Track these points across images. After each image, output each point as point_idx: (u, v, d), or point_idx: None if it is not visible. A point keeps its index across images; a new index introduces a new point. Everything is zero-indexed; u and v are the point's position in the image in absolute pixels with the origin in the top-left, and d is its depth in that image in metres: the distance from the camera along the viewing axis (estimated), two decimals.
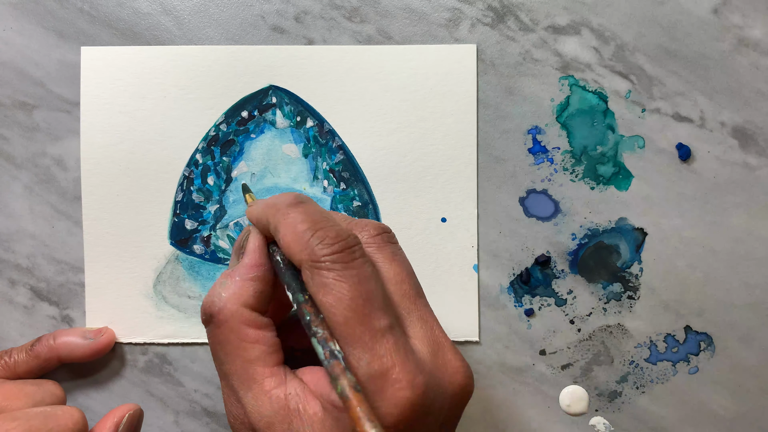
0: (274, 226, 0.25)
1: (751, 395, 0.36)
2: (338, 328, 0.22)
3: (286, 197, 0.25)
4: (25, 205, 0.35)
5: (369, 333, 0.22)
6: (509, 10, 0.35)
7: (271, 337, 0.25)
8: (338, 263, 0.23)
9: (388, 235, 0.26)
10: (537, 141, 0.36)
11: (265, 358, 0.24)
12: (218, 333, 0.25)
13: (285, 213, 0.24)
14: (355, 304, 0.22)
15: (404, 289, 0.25)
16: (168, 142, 0.35)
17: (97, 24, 0.35)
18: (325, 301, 0.22)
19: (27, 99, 0.35)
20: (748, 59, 0.35)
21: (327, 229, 0.23)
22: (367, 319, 0.22)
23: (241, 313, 0.24)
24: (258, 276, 0.25)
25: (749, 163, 0.36)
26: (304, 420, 0.23)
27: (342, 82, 0.35)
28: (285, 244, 0.24)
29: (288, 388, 0.24)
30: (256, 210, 0.26)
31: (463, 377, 0.24)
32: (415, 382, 0.22)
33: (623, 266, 0.36)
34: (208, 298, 0.25)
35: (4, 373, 0.33)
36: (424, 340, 0.24)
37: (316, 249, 0.23)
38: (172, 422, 0.35)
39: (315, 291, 0.23)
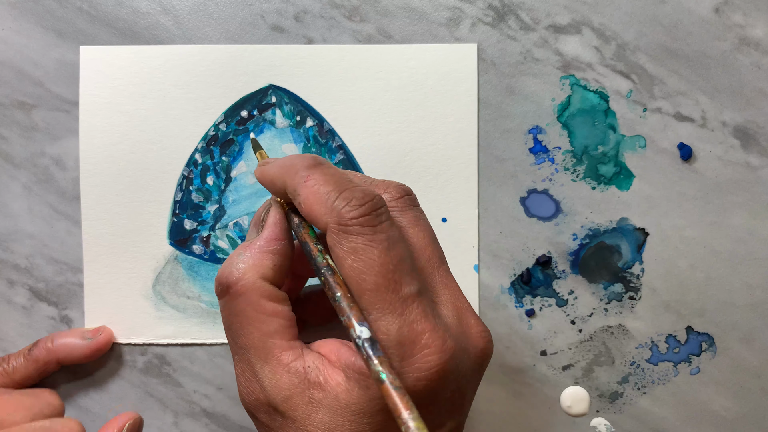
0: (293, 189, 0.24)
1: (752, 396, 0.36)
2: (367, 294, 0.22)
3: (302, 158, 0.24)
4: (23, 205, 0.35)
5: (399, 299, 0.22)
6: (510, 9, 0.35)
7: (288, 311, 0.24)
8: (367, 227, 0.22)
9: (410, 198, 0.26)
10: (538, 141, 0.35)
11: (282, 332, 0.24)
12: (234, 305, 0.24)
13: (304, 175, 0.24)
14: (386, 270, 0.22)
15: (427, 255, 0.24)
16: (167, 141, 0.35)
17: (96, 23, 0.35)
18: (355, 266, 0.22)
19: (26, 98, 0.35)
20: (749, 59, 0.35)
21: (352, 190, 0.23)
22: (398, 285, 0.22)
23: (259, 285, 0.24)
24: (277, 249, 0.25)
25: (751, 163, 0.35)
26: (326, 391, 0.23)
27: (342, 81, 0.35)
28: (307, 207, 0.23)
29: (306, 360, 0.23)
30: (271, 171, 0.25)
31: (486, 341, 0.24)
32: (444, 347, 0.22)
33: (624, 266, 0.36)
34: (225, 269, 0.24)
35: (3, 381, 0.32)
36: (449, 305, 0.24)
37: (342, 212, 0.22)
38: (171, 423, 0.35)
39: (342, 256, 0.22)
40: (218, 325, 0.35)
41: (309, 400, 0.23)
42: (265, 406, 0.24)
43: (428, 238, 0.25)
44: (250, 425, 0.35)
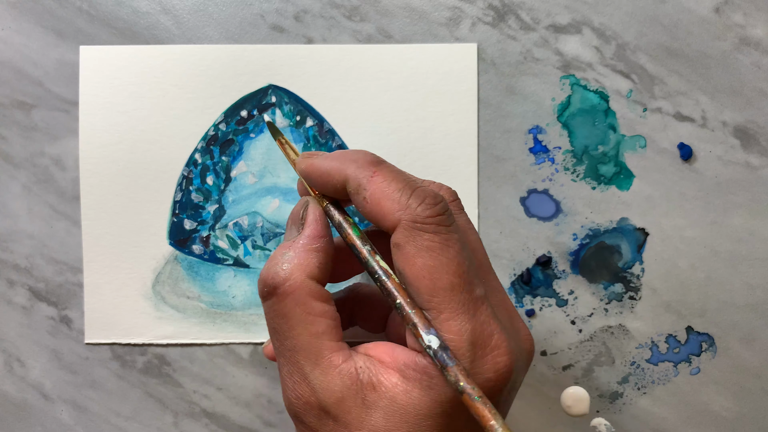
0: (357, 183, 0.23)
1: (753, 396, 0.36)
2: (440, 293, 0.22)
3: (362, 154, 0.24)
4: (23, 205, 0.35)
5: (472, 300, 0.22)
6: (510, 9, 0.35)
7: (334, 311, 0.24)
8: (442, 225, 0.22)
9: (459, 202, 0.26)
10: (538, 140, 0.35)
11: (331, 332, 0.23)
12: (282, 306, 0.23)
13: (370, 170, 0.23)
14: (462, 270, 0.22)
15: (480, 258, 0.24)
16: (167, 141, 0.35)
17: (96, 23, 0.35)
18: (429, 264, 0.22)
19: (25, 98, 0.35)
20: (749, 58, 0.35)
21: (424, 190, 0.23)
22: (471, 286, 0.22)
23: (307, 284, 0.23)
24: (321, 247, 0.24)
25: (751, 163, 0.35)
26: (380, 392, 0.22)
27: (342, 81, 0.35)
28: (374, 202, 0.23)
29: (357, 362, 0.23)
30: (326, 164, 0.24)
31: (531, 344, 0.25)
32: (510, 347, 0.22)
33: (624, 266, 0.36)
34: (270, 270, 0.24)
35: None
36: (501, 308, 0.24)
37: (418, 210, 0.22)
38: (171, 423, 0.35)
39: (414, 254, 0.22)
40: (218, 325, 0.35)
41: (362, 402, 0.22)
42: (316, 410, 0.23)
43: (479, 242, 0.25)
44: (250, 425, 0.35)
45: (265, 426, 0.35)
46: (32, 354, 0.35)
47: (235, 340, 0.35)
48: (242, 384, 0.35)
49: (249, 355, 0.35)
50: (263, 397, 0.35)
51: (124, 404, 0.35)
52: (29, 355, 0.35)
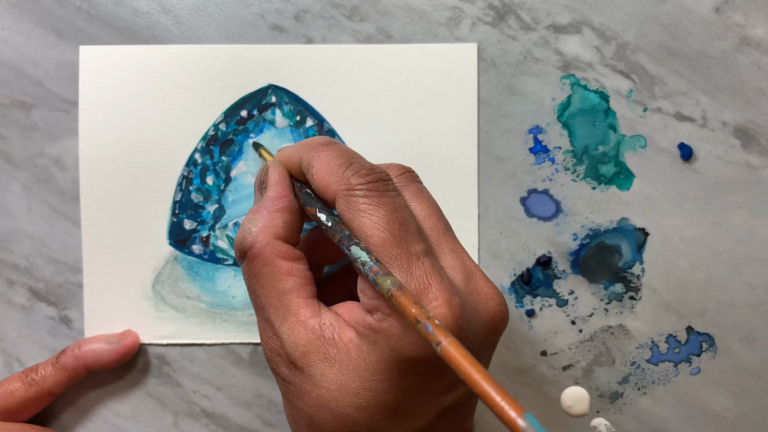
0: (307, 162, 0.25)
1: (753, 396, 0.36)
2: (374, 249, 0.23)
3: (318, 139, 0.26)
4: (23, 205, 0.35)
5: (405, 255, 0.23)
6: (510, 9, 0.35)
7: (303, 269, 0.25)
8: (374, 191, 0.23)
9: (412, 174, 0.27)
10: (538, 140, 0.35)
11: (299, 289, 0.25)
12: (252, 267, 0.25)
13: (318, 150, 0.25)
14: (392, 227, 0.23)
15: (432, 223, 0.25)
16: (167, 141, 0.35)
17: (95, 23, 0.35)
18: (361, 223, 0.23)
19: (25, 98, 0.35)
20: (750, 58, 0.35)
21: (361, 162, 0.25)
22: (403, 243, 0.23)
23: (273, 244, 0.25)
24: (284, 206, 0.26)
25: (751, 163, 0.35)
26: (339, 347, 0.23)
27: (342, 81, 0.35)
28: (319, 177, 0.25)
29: (323, 318, 0.24)
30: (288, 151, 0.27)
31: (497, 304, 0.24)
32: (451, 301, 0.22)
33: (625, 266, 0.36)
34: (240, 235, 0.25)
35: (34, 391, 0.33)
36: (457, 269, 0.24)
37: (351, 179, 0.24)
38: (171, 423, 0.35)
39: (350, 218, 0.23)
40: (218, 325, 0.35)
41: (324, 356, 0.23)
42: (286, 362, 0.24)
43: (431, 208, 0.26)
44: (250, 425, 0.35)
45: (265, 426, 0.35)
46: (32, 354, 0.35)
47: (235, 340, 0.35)
48: (242, 384, 0.35)
49: (249, 355, 0.35)
50: (263, 398, 0.35)
51: (124, 404, 0.35)
52: (29, 355, 0.35)
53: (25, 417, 0.33)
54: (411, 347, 0.22)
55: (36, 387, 0.33)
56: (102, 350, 0.33)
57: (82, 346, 0.33)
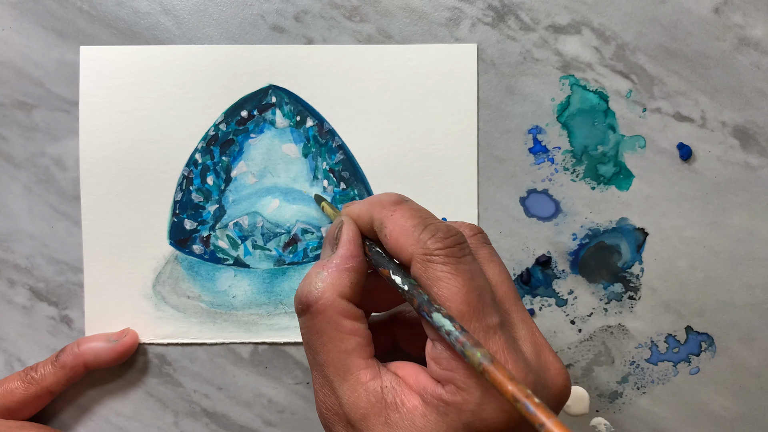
0: (380, 222, 0.25)
1: (752, 396, 0.36)
2: None
3: (389, 196, 0.26)
4: (24, 205, 0.35)
5: (482, 329, 0.22)
6: (510, 10, 0.35)
7: (365, 329, 0.25)
8: (451, 257, 0.23)
9: (483, 236, 0.26)
10: (537, 141, 0.36)
11: (360, 350, 0.24)
12: (315, 323, 0.24)
13: (391, 209, 0.25)
14: (470, 299, 0.22)
15: (504, 290, 0.25)
16: (167, 141, 0.35)
17: (96, 23, 0.35)
18: (440, 294, 0.23)
19: (26, 99, 0.35)
20: (749, 59, 0.35)
21: (437, 224, 0.24)
22: (481, 315, 0.22)
23: (338, 303, 0.24)
24: (354, 267, 0.25)
25: (750, 163, 0.35)
26: (402, 413, 0.23)
27: (342, 81, 0.35)
28: (393, 238, 0.24)
29: (384, 380, 0.24)
30: (357, 208, 0.27)
31: (564, 378, 0.24)
32: (526, 379, 0.22)
33: (624, 266, 0.36)
34: (305, 288, 0.25)
35: (34, 390, 0.33)
36: (527, 341, 0.24)
37: (428, 243, 0.23)
38: (171, 423, 0.35)
39: (427, 284, 0.23)
40: (218, 324, 0.35)
41: (385, 420, 0.23)
42: (344, 422, 0.24)
43: (504, 274, 0.25)
44: (250, 425, 0.35)
45: (265, 425, 0.35)
46: (33, 353, 0.35)
47: (236, 340, 0.35)
48: (242, 384, 0.35)
49: (249, 355, 0.35)
50: (263, 397, 0.35)
51: (125, 404, 0.35)
52: (30, 354, 0.35)
53: (26, 415, 0.33)
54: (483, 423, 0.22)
55: (35, 385, 0.33)
56: (101, 349, 0.34)
57: (81, 344, 0.34)
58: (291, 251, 0.35)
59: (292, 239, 0.35)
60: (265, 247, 0.35)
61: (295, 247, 0.35)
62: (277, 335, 0.35)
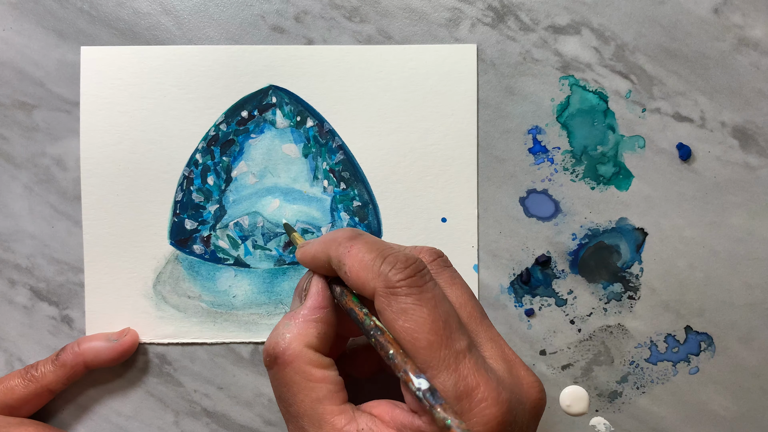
0: (338, 260, 0.25)
1: (751, 395, 0.36)
2: (421, 352, 0.23)
3: (342, 232, 0.26)
4: (24, 205, 0.35)
5: (452, 355, 0.23)
6: (509, 10, 0.35)
7: (335, 376, 0.25)
8: (414, 287, 0.23)
9: (444, 259, 0.27)
10: (537, 141, 0.36)
11: (332, 397, 0.24)
12: (284, 374, 0.25)
13: (347, 245, 0.25)
14: (437, 327, 0.23)
15: (469, 311, 0.25)
16: (168, 141, 0.35)
17: (96, 24, 0.35)
18: (406, 326, 0.23)
19: (27, 99, 0.35)
20: (748, 59, 0.35)
21: (395, 255, 0.24)
22: (449, 342, 0.23)
23: (305, 353, 0.25)
24: (321, 318, 0.26)
25: (750, 163, 0.35)
26: None
27: (342, 82, 0.35)
28: (353, 274, 0.24)
29: (359, 423, 0.24)
30: (312, 248, 0.27)
31: (538, 391, 0.25)
32: (500, 398, 0.22)
33: (623, 266, 0.36)
34: (272, 340, 0.25)
35: (34, 388, 0.33)
36: (498, 358, 0.24)
37: (389, 275, 0.23)
38: (171, 422, 0.35)
39: (393, 318, 0.23)
40: (218, 324, 0.35)
41: None
42: None
43: (467, 295, 0.26)
44: (250, 424, 0.35)
45: (265, 425, 0.36)
46: (33, 353, 0.35)
47: (236, 340, 0.35)
48: (243, 383, 0.36)
49: (250, 355, 0.36)
50: (264, 397, 0.36)
51: (125, 403, 0.35)
52: (30, 354, 0.35)
53: (25, 413, 0.34)
54: None
55: (35, 384, 0.33)
56: (101, 348, 0.34)
57: (81, 343, 0.34)
58: (291, 251, 0.35)
59: None
60: (266, 247, 0.35)
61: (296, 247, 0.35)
62: None
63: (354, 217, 0.35)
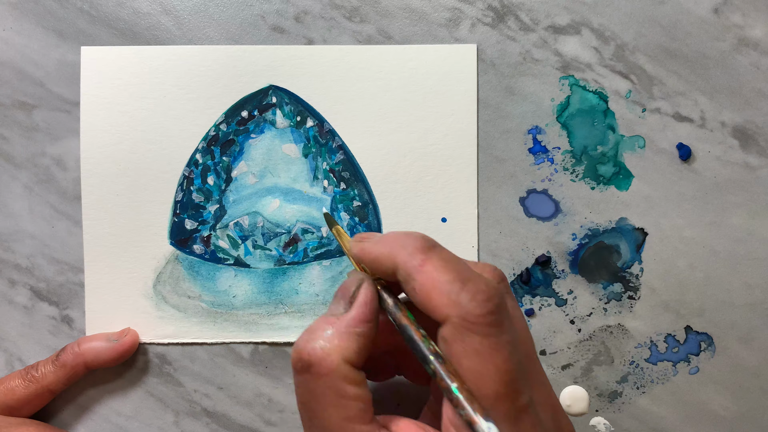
0: (407, 273, 0.23)
1: (751, 395, 0.36)
2: (485, 400, 0.21)
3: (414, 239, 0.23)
4: (24, 205, 0.35)
5: (515, 409, 0.21)
6: (509, 10, 0.35)
7: (367, 394, 0.23)
8: (494, 327, 0.21)
9: (506, 285, 0.25)
10: (537, 141, 0.36)
11: (362, 416, 0.23)
12: (315, 385, 0.23)
13: (419, 258, 0.22)
14: (509, 379, 0.21)
15: (526, 350, 0.23)
16: (168, 141, 0.35)
17: (97, 24, 0.35)
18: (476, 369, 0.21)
19: (27, 99, 0.35)
20: (748, 59, 0.35)
21: (476, 282, 0.22)
22: (516, 396, 0.21)
23: (342, 368, 0.23)
24: (365, 332, 0.23)
25: (750, 163, 0.35)
26: None
27: (342, 82, 0.35)
28: (424, 295, 0.22)
29: None
30: (377, 249, 0.24)
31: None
32: None
33: (623, 266, 0.36)
34: (308, 344, 0.23)
35: (34, 388, 0.33)
36: (546, 406, 0.23)
37: (469, 307, 0.21)
38: (171, 422, 0.35)
39: (462, 354, 0.21)
40: (218, 324, 0.35)
41: None
42: None
43: (526, 330, 0.24)
44: (250, 424, 0.35)
45: (265, 425, 0.36)
46: (33, 353, 0.35)
47: (236, 340, 0.35)
48: (243, 383, 0.36)
49: (250, 355, 0.36)
50: (264, 397, 0.36)
51: (125, 403, 0.35)
52: (30, 354, 0.35)
53: (26, 413, 0.34)
54: None
55: (36, 384, 0.33)
56: (101, 348, 0.34)
57: (81, 344, 0.34)
58: (291, 251, 0.35)
59: (292, 239, 0.35)
60: (266, 246, 0.35)
61: (296, 246, 0.35)
62: (278, 335, 0.35)
63: (354, 217, 0.35)
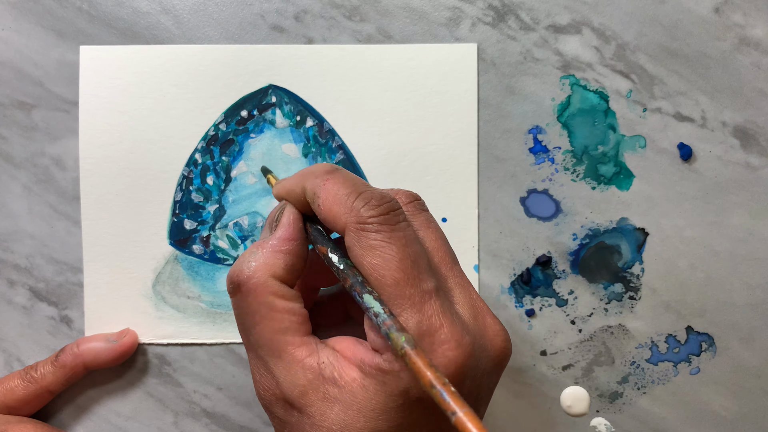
0: (312, 192, 0.25)
1: (752, 396, 0.36)
2: (387, 289, 0.22)
3: (321, 166, 0.26)
4: (23, 205, 0.35)
5: (418, 294, 0.22)
6: (510, 9, 0.35)
7: (299, 308, 0.24)
8: (385, 225, 0.23)
9: (420, 202, 0.26)
10: (538, 141, 0.35)
11: (295, 328, 0.24)
12: (246, 303, 0.24)
13: (323, 178, 0.25)
14: (405, 265, 0.22)
15: (440, 256, 0.25)
16: (167, 141, 0.35)
17: (96, 23, 0.35)
18: (374, 263, 0.23)
19: (26, 98, 0.35)
20: (749, 59, 0.35)
21: (370, 192, 0.24)
22: (416, 281, 0.22)
23: (269, 283, 0.24)
24: (290, 249, 0.25)
25: (751, 163, 0.35)
26: (341, 386, 0.23)
27: (342, 81, 0.35)
28: (326, 208, 0.24)
29: (321, 356, 0.24)
30: (288, 182, 0.26)
31: (503, 340, 0.24)
32: (462, 342, 0.22)
33: (624, 266, 0.36)
34: (237, 267, 0.25)
35: (33, 389, 0.33)
36: (465, 304, 0.24)
37: (362, 211, 0.23)
38: (171, 423, 0.35)
39: (361, 254, 0.23)
40: (218, 324, 0.35)
41: (324, 396, 0.23)
42: (282, 402, 0.24)
43: (440, 240, 0.25)
44: (250, 425, 0.35)
45: (265, 426, 0.35)
46: (32, 354, 0.35)
47: (236, 340, 0.35)
48: (242, 384, 0.35)
49: None
50: None
51: (125, 404, 0.35)
52: (29, 354, 0.35)
53: (25, 414, 0.34)
54: (421, 389, 0.22)
55: (35, 384, 0.33)
56: (100, 349, 0.34)
57: (80, 344, 0.34)
58: None
59: None
60: None
61: None
62: None
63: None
